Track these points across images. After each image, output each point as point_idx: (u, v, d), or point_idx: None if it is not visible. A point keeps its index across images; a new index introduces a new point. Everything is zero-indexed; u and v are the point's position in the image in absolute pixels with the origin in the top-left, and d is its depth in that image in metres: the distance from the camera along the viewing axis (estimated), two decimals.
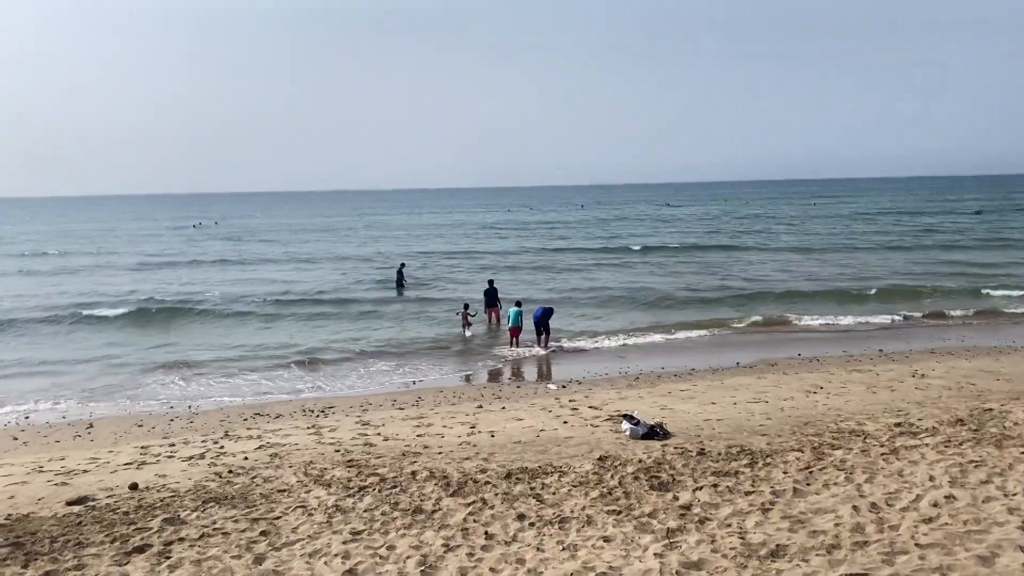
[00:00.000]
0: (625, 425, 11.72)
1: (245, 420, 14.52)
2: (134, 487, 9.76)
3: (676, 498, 8.57)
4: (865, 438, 10.78)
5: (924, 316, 25.37)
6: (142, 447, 12.32)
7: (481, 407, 14.49)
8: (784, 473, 9.28)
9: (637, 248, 50.47)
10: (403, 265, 36.79)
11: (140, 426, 14.50)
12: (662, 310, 27.79)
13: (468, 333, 23.56)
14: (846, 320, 24.91)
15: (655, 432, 11.44)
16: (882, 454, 9.90)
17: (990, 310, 26.25)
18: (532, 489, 9.10)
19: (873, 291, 29.96)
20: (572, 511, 8.31)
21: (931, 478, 8.81)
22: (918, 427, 11.30)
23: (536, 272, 39.37)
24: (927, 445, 10.21)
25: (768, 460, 9.85)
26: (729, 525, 7.75)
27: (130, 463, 11.21)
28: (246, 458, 11.12)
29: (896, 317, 25.05)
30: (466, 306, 24.27)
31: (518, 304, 22.11)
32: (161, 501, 9.19)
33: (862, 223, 70.74)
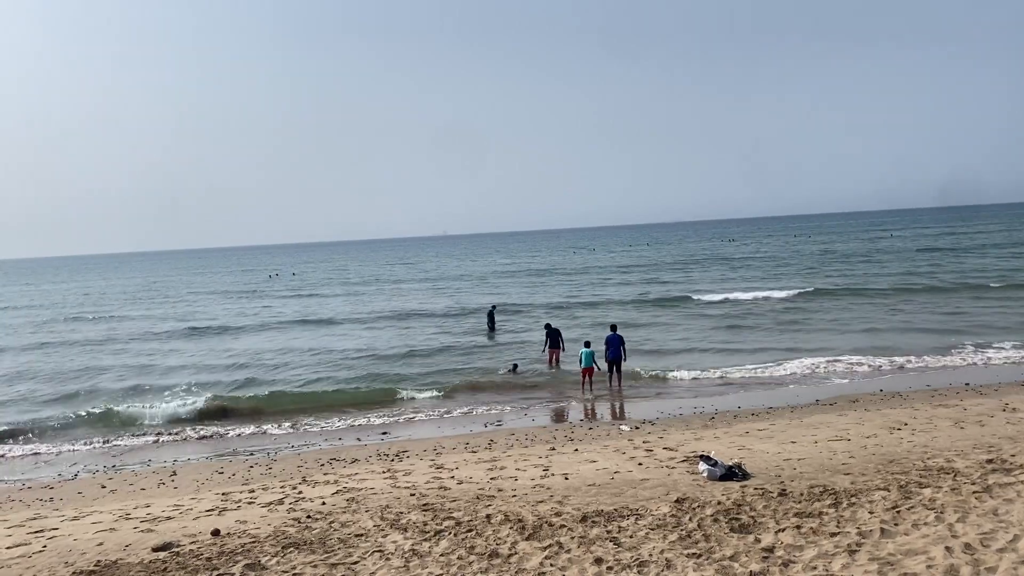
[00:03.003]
0: (702, 466, 11.50)
1: (322, 465, 14.72)
2: (216, 533, 9.96)
3: (758, 540, 8.33)
4: (955, 476, 10.35)
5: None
6: (223, 494, 12.58)
7: (554, 449, 14.40)
8: (870, 513, 8.95)
9: (714, 299, 45.70)
10: (494, 307, 37.27)
11: (221, 473, 14.84)
12: (737, 354, 27.29)
13: (511, 372, 24.62)
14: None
15: (733, 473, 11.18)
16: (974, 492, 9.48)
17: None
18: (609, 532, 8.97)
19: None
20: (651, 555, 8.15)
21: None
22: (1012, 463, 10.79)
23: (606, 319, 38.72)
24: (1023, 482, 9.75)
25: (853, 500, 9.52)
26: (814, 568, 7.50)
27: (212, 509, 11.44)
28: (324, 503, 11.26)
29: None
30: (515, 366, 25.07)
31: (587, 345, 22.02)
32: (242, 547, 9.34)
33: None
